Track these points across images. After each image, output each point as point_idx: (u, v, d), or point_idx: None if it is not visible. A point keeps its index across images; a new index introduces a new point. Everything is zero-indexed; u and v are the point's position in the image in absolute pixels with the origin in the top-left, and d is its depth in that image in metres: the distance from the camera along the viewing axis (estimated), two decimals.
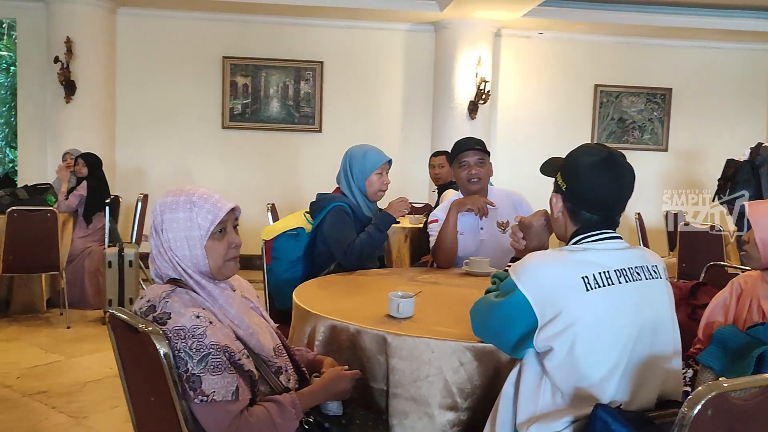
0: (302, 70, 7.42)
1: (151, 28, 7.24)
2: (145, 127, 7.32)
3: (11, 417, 3.17)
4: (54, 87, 6.78)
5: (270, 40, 7.36)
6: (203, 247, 1.61)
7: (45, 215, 4.77)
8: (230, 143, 7.43)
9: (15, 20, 7.60)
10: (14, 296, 5.10)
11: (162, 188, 6.36)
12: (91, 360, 4.13)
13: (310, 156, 7.50)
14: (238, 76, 7.36)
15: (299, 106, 7.46)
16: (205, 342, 1.50)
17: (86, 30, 6.80)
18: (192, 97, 7.35)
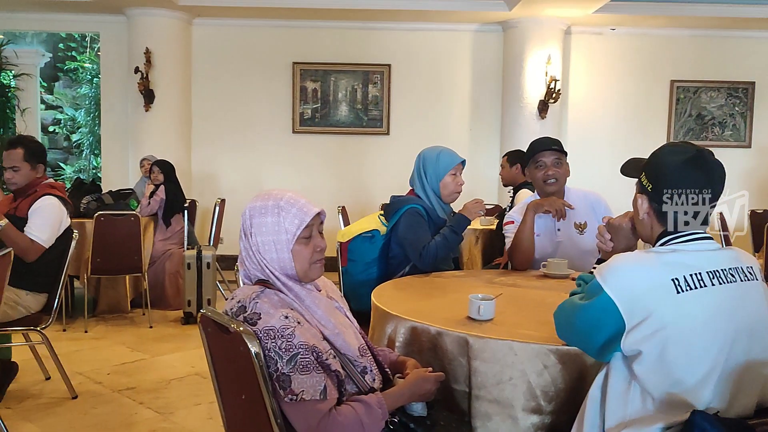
0: (370, 74, 7.49)
1: (225, 37, 7.47)
2: (219, 133, 7.55)
3: (105, 411, 3.32)
4: (134, 96, 7.08)
5: (338, 44, 7.47)
6: (290, 251, 1.65)
7: (129, 219, 4.98)
8: (300, 147, 7.57)
9: (98, 34, 7.98)
10: (101, 297, 5.34)
11: (235, 192, 6.58)
12: (174, 358, 4.29)
13: (378, 158, 7.56)
14: (308, 81, 7.49)
15: (367, 110, 7.53)
16: (293, 342, 1.54)
17: (164, 41, 7.07)
18: (263, 103, 7.53)
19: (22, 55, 7.59)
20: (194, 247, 5.30)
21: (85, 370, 3.92)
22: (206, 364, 3.94)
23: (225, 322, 1.60)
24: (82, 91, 11.52)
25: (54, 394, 3.52)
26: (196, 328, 4.90)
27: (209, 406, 3.41)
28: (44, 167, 3.58)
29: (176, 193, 5.73)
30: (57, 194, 3.48)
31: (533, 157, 3.07)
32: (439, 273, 2.88)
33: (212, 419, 3.25)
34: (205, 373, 3.93)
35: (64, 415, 3.27)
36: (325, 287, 1.84)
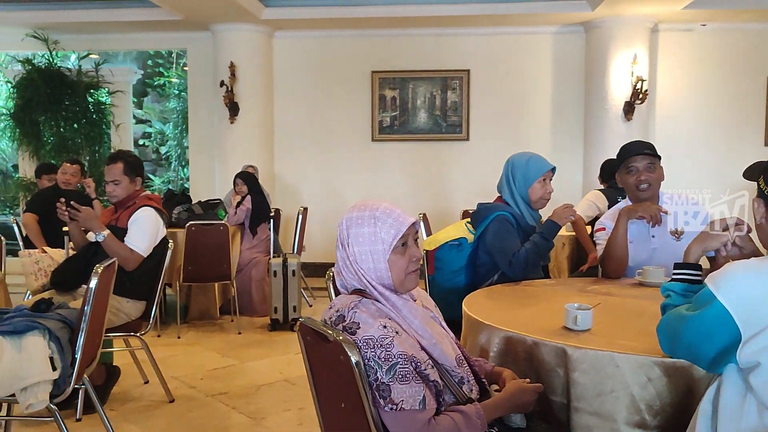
0: (448, 80, 7.47)
1: (304, 48, 7.63)
2: (300, 143, 7.71)
3: (200, 415, 3.45)
4: (220, 109, 7.33)
5: (416, 52, 7.49)
6: (386, 261, 1.67)
7: (218, 228, 5.15)
8: (380, 155, 7.63)
9: (185, 50, 8.32)
10: (192, 304, 5.54)
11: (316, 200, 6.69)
12: (262, 365, 4.40)
13: (458, 165, 7.53)
14: (387, 89, 7.54)
15: (446, 116, 7.51)
16: (392, 352, 1.55)
17: (247, 55, 7.29)
18: (343, 112, 7.64)
19: (117, 73, 7.99)
20: (280, 255, 5.42)
21: (180, 374, 4.07)
22: (294, 371, 4.04)
23: (324, 330, 1.63)
24: (170, 105, 12.04)
25: (153, 398, 3.68)
26: (283, 335, 5.07)
27: (299, 413, 3.47)
28: (142, 180, 3.75)
29: (262, 202, 5.89)
30: (154, 205, 3.64)
31: (625, 161, 2.97)
32: (529, 282, 2.83)
33: (302, 425, 3.31)
34: (293, 379, 4.01)
35: (162, 418, 3.41)
36: (419, 297, 1.84)
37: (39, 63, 7.52)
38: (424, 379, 1.59)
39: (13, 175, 11.34)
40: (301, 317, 1.77)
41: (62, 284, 3.48)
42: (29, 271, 4.13)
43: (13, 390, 2.49)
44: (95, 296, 2.64)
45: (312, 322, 1.71)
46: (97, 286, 2.63)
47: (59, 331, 2.61)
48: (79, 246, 3.66)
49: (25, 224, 5.23)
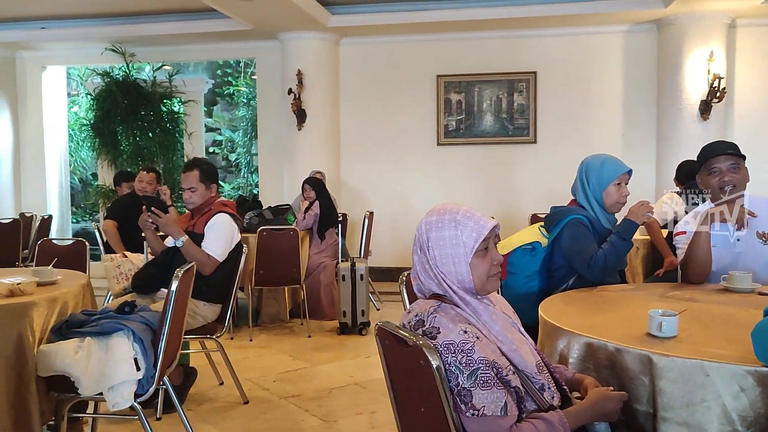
0: (515, 82, 7.38)
1: (370, 54, 7.69)
2: (366, 148, 7.77)
3: (274, 417, 3.51)
4: (288, 116, 7.47)
5: (482, 55, 7.44)
6: (468, 264, 1.65)
7: (288, 233, 5.24)
8: (445, 159, 7.61)
9: (254, 59, 8.53)
10: (263, 307, 5.65)
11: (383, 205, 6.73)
12: (333, 368, 4.44)
13: (525, 168, 7.43)
14: (452, 93, 7.52)
15: (513, 119, 7.42)
16: (473, 357, 1.54)
17: (314, 62, 7.41)
18: (408, 117, 7.66)
19: (189, 83, 8.27)
20: (347, 259, 5.47)
21: (253, 376, 4.16)
22: (364, 374, 4.07)
23: (404, 335, 1.63)
24: (239, 113, 12.35)
25: (228, 399, 3.77)
26: (352, 338, 5.11)
27: (370, 416, 3.49)
28: (217, 187, 3.86)
29: (329, 207, 5.96)
30: (229, 211, 3.73)
31: (706, 162, 2.86)
32: (606, 287, 2.76)
33: (374, 429, 3.32)
34: (364, 383, 4.04)
35: (238, 419, 3.48)
36: (498, 302, 1.82)
37: (117, 75, 7.85)
38: (506, 385, 1.57)
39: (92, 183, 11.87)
40: (380, 321, 1.77)
41: (142, 287, 3.61)
42: (111, 275, 4.31)
43: (101, 389, 2.59)
44: (176, 299, 2.73)
45: (391, 326, 1.71)
46: (177, 290, 2.72)
47: (143, 333, 2.71)
48: (156, 251, 3.78)
49: (105, 230, 5.45)
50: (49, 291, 2.81)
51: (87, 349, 2.62)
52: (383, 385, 3.89)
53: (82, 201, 12.44)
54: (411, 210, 7.66)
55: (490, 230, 1.67)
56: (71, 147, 9.94)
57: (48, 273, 2.96)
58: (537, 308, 2.43)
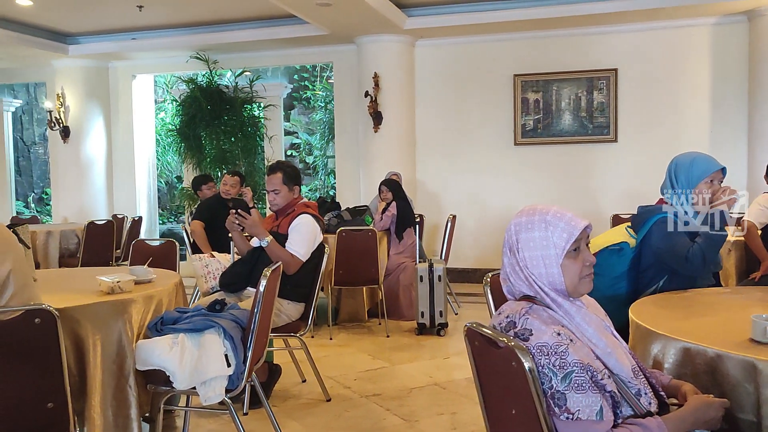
0: (594, 80, 7.21)
1: (445, 55, 7.68)
2: (442, 149, 7.76)
3: (355, 415, 3.56)
4: (364, 119, 7.56)
5: (560, 53, 7.30)
6: (559, 266, 1.63)
7: (367, 234, 5.30)
8: (523, 159, 7.51)
9: (331, 63, 8.67)
10: (342, 306, 5.74)
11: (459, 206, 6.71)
12: (412, 368, 4.46)
13: (605, 167, 7.24)
14: (529, 93, 7.41)
15: (592, 117, 7.25)
16: (567, 359, 1.52)
17: (390, 64, 7.46)
18: (484, 117, 7.60)
19: (269, 88, 8.49)
20: (425, 260, 5.48)
21: (334, 374, 4.23)
22: (444, 375, 4.07)
23: (495, 336, 1.62)
24: (316, 117, 12.58)
25: (310, 396, 3.85)
26: (430, 339, 5.11)
27: (452, 417, 3.48)
28: (299, 188, 3.94)
29: (406, 208, 5.99)
30: (311, 212, 3.81)
31: None
32: (700, 290, 2.66)
33: (456, 430, 3.31)
34: (443, 383, 4.04)
35: (321, 416, 3.55)
36: (589, 304, 1.79)
37: (201, 82, 8.15)
38: (601, 390, 1.53)
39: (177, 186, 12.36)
40: (470, 323, 1.76)
41: (230, 286, 3.73)
42: (200, 274, 4.48)
43: (194, 383, 2.70)
44: (264, 298, 2.81)
45: (481, 327, 1.70)
46: (265, 288, 2.80)
47: (233, 330, 2.80)
48: (242, 251, 3.91)
49: (192, 231, 5.66)
50: (145, 289, 2.95)
51: (181, 345, 2.73)
52: (463, 386, 3.91)
53: (168, 203, 12.98)
54: (487, 211, 7.61)
55: (582, 230, 1.64)
56: (158, 151, 10.38)
57: (144, 272, 3.11)
58: (624, 311, 2.37)
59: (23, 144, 13.88)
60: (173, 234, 11.00)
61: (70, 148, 8.78)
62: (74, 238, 6.96)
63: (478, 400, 3.66)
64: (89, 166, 8.82)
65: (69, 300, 2.65)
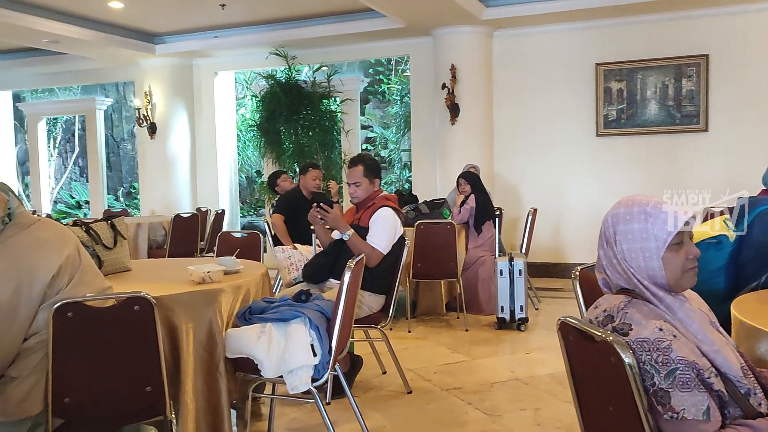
0: (683, 67, 6.90)
1: (524, 45, 7.53)
2: (520, 141, 7.63)
3: (437, 408, 3.55)
4: (441, 111, 7.51)
5: (645, 40, 7.02)
6: (660, 259, 1.57)
7: (445, 227, 5.27)
8: (605, 150, 7.28)
9: (408, 56, 8.67)
10: (420, 300, 5.74)
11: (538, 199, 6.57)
12: (492, 362, 4.41)
13: (695, 158, 6.92)
14: (612, 82, 7.18)
15: (680, 106, 6.94)
16: (671, 356, 1.45)
17: (467, 56, 7.38)
18: (564, 108, 7.41)
19: (346, 82, 8.56)
20: (505, 254, 5.40)
21: (414, 367, 4.23)
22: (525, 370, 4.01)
23: (592, 330, 1.57)
24: (391, 110, 12.62)
25: (391, 388, 3.86)
26: (510, 334, 5.04)
27: (535, 413, 3.42)
28: (380, 181, 3.96)
29: (485, 201, 5.92)
30: (392, 205, 3.82)
31: None
32: None
33: (540, 426, 3.26)
34: (525, 379, 3.97)
35: (402, 408, 3.56)
36: (692, 299, 1.71)
37: (279, 78, 8.31)
38: (708, 388, 1.46)
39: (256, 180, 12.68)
40: (564, 317, 1.72)
41: (313, 277, 3.79)
42: (283, 266, 4.58)
43: (281, 372, 2.76)
44: (348, 289, 2.83)
45: (576, 321, 1.66)
46: (350, 280, 2.83)
47: (318, 320, 2.84)
48: (324, 244, 3.96)
49: (273, 224, 5.78)
50: (233, 279, 3.03)
51: (269, 335, 2.80)
52: (546, 382, 3.84)
53: (248, 197, 13.33)
54: (567, 204, 7.43)
55: (685, 222, 1.57)
56: (238, 146, 10.66)
57: (232, 263, 3.19)
58: (722, 307, 2.26)
59: (113, 140, 14.58)
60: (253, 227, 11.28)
61: (156, 144, 9.14)
62: (161, 230, 7.25)
63: (561, 397, 3.61)
64: (174, 161, 9.16)
65: (163, 289, 2.75)
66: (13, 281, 2.13)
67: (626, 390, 1.49)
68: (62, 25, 7.45)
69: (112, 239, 3.31)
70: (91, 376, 2.31)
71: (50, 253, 2.24)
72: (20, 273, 2.15)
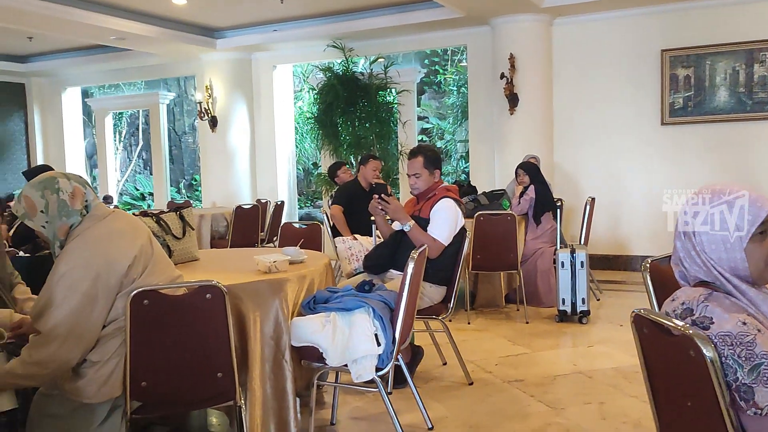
0: (755, 52, 6.62)
1: (585, 33, 7.36)
2: (581, 130, 7.47)
3: (499, 400, 3.53)
4: (499, 101, 7.42)
5: (714, 24, 6.76)
6: (742, 250, 1.52)
7: (505, 218, 5.22)
8: (671, 140, 7.07)
9: (465, 46, 8.59)
10: (479, 291, 5.70)
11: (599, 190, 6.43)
12: (553, 355, 4.36)
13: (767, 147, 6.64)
14: (679, 68, 6.95)
15: (752, 93, 6.67)
16: (755, 351, 1.41)
17: (526, 45, 7.26)
18: (627, 97, 7.22)
19: (403, 73, 8.54)
20: (566, 245, 5.31)
21: (475, 359, 4.21)
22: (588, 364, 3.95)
23: (670, 324, 1.54)
24: (448, 101, 12.55)
25: (452, 379, 3.86)
26: (572, 327, 4.97)
27: (600, 407, 3.37)
28: (440, 172, 3.94)
29: (545, 192, 5.83)
30: (453, 196, 3.80)
31: None
32: None
33: (606, 420, 3.20)
34: (589, 372, 3.91)
35: (463, 399, 3.56)
36: None
37: (337, 70, 8.36)
38: None
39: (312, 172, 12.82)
40: (638, 309, 1.68)
41: (373, 268, 3.81)
42: (343, 256, 4.62)
43: (345, 361, 2.79)
44: (411, 279, 2.84)
45: (652, 314, 1.62)
46: (413, 271, 2.84)
47: (382, 311, 2.87)
48: (385, 235, 3.97)
49: (332, 215, 5.83)
50: (298, 269, 3.08)
51: (333, 324, 2.84)
52: (610, 375, 3.78)
53: (304, 188, 13.50)
54: (629, 195, 7.25)
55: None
56: (296, 139, 10.79)
57: (296, 253, 3.25)
58: None
59: (175, 134, 14.98)
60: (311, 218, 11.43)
61: (217, 137, 9.34)
62: (223, 221, 7.42)
63: (627, 391, 3.55)
64: (234, 154, 9.34)
65: (230, 278, 2.82)
66: (92, 272, 2.22)
67: (706, 385, 1.45)
68: (128, 22, 7.68)
69: (181, 230, 3.40)
70: (165, 362, 2.39)
71: (125, 243, 2.33)
72: (98, 264, 2.24)
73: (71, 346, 2.19)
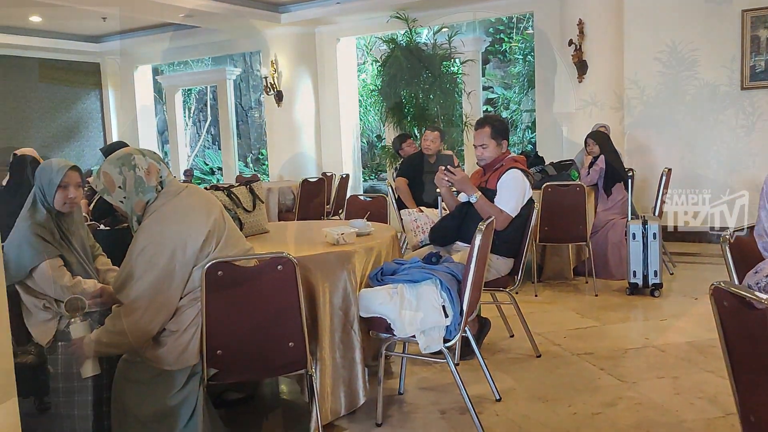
0: None
1: None
2: (654, 97, 7.20)
3: (567, 372, 3.50)
4: (567, 69, 7.21)
5: None
6: None
7: (574, 189, 5.11)
8: (751, 106, 6.72)
9: (531, 13, 8.37)
10: (546, 263, 5.62)
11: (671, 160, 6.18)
12: (624, 328, 4.27)
13: None
14: (761, 29, 6.57)
15: None
16: None
17: (596, 10, 6.99)
18: (703, 61, 6.89)
19: (468, 43, 8.42)
20: (638, 217, 5.16)
21: (543, 331, 4.17)
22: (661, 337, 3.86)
23: (752, 296, 1.48)
24: (513, 70, 12.29)
25: (519, 351, 3.84)
26: (643, 300, 4.86)
27: (673, 381, 3.29)
28: (507, 143, 3.88)
29: (615, 162, 5.66)
30: (520, 167, 3.73)
31: None
32: None
33: (679, 395, 3.13)
34: (662, 346, 3.82)
35: (531, 371, 3.54)
36: None
37: (400, 41, 8.29)
38: None
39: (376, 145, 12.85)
40: (718, 282, 1.62)
41: (440, 240, 3.80)
42: (409, 228, 4.64)
43: (413, 332, 2.82)
44: (479, 251, 2.83)
45: (732, 287, 1.56)
46: (480, 242, 2.82)
47: (449, 282, 2.87)
48: (450, 207, 3.95)
49: (397, 187, 5.84)
50: (365, 241, 3.11)
51: (400, 295, 2.86)
52: (684, 350, 3.68)
53: (368, 161, 13.55)
54: (705, 164, 6.96)
55: None
56: (360, 112, 10.82)
57: (363, 225, 3.28)
58: None
59: (241, 109, 15.25)
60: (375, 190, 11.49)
61: (283, 112, 9.47)
62: (290, 194, 7.55)
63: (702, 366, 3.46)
64: (300, 128, 9.46)
65: (300, 250, 2.88)
66: (169, 247, 2.31)
67: None
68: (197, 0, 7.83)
69: (251, 203, 3.49)
70: (239, 331, 2.47)
71: (199, 218, 2.40)
72: (174, 239, 2.32)
73: (151, 316, 2.29)
